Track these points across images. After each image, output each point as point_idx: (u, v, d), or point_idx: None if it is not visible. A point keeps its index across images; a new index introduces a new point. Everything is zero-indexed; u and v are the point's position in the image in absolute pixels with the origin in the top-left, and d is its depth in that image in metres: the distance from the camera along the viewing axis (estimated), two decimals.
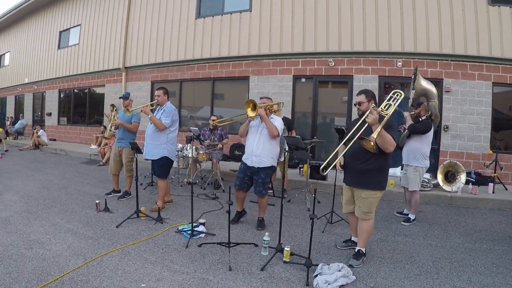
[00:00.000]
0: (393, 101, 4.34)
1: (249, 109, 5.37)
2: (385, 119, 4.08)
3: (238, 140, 12.49)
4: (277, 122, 5.67)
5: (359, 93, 4.72)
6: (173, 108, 6.86)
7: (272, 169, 5.83)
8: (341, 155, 4.50)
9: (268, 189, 5.91)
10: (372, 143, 3.89)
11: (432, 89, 6.94)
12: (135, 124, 7.46)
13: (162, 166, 6.75)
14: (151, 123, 6.70)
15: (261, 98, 6.05)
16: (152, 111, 6.84)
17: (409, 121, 6.65)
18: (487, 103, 10.53)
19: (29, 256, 4.47)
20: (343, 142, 4.50)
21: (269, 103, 5.85)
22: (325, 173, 4.48)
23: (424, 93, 6.91)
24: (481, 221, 7.05)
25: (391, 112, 4.20)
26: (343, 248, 5.16)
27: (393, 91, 4.44)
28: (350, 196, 4.83)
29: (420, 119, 6.64)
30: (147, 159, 6.91)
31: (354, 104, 4.68)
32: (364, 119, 4.20)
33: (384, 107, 4.30)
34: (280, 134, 5.74)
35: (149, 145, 6.75)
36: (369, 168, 4.45)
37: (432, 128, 6.64)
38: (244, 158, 5.87)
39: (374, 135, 3.93)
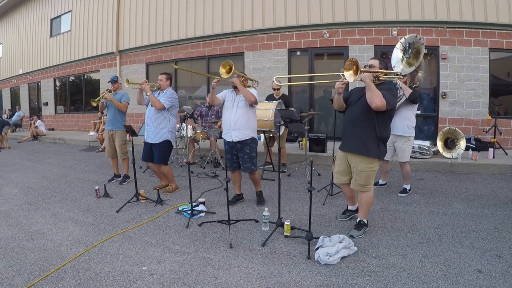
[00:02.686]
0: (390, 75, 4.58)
1: (224, 71, 5.16)
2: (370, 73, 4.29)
3: None
4: (252, 91, 5.57)
5: (374, 58, 4.73)
6: (174, 93, 6.69)
7: (254, 141, 5.73)
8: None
9: (257, 164, 5.80)
10: (356, 67, 3.96)
11: (422, 61, 6.78)
12: (124, 104, 7.38)
13: (164, 152, 6.62)
14: (150, 105, 6.54)
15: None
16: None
17: (407, 89, 6.24)
18: (484, 69, 10.44)
19: (31, 248, 4.46)
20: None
21: (245, 76, 5.80)
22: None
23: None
24: (482, 187, 7.03)
25: (378, 73, 4.40)
26: (344, 220, 5.14)
27: (396, 72, 4.69)
28: (344, 167, 4.75)
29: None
30: (149, 144, 6.69)
31: (365, 66, 4.59)
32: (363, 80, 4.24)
33: (381, 76, 4.44)
34: (257, 103, 5.64)
35: (151, 128, 6.58)
36: (364, 133, 4.39)
37: None
38: (223, 134, 5.77)
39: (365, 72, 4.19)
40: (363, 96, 4.30)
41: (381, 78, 4.40)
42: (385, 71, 4.49)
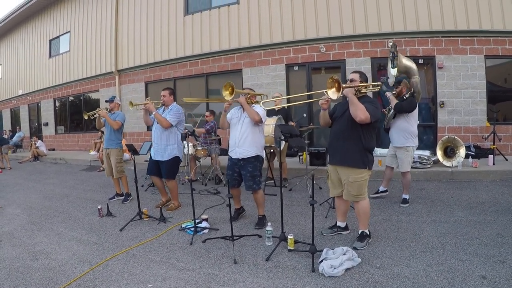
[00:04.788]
0: (371, 87, 4.68)
1: (227, 92, 5.15)
2: (353, 87, 4.42)
3: None
4: (259, 109, 5.46)
5: (355, 71, 4.79)
6: (180, 108, 6.72)
7: (258, 160, 5.58)
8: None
9: (260, 183, 5.65)
10: (338, 85, 4.09)
11: (413, 65, 6.68)
12: (117, 122, 7.39)
13: (172, 167, 6.66)
14: (157, 123, 6.57)
15: (244, 89, 5.89)
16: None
17: (394, 101, 6.40)
18: (481, 77, 10.54)
19: (35, 268, 4.47)
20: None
21: (251, 92, 5.69)
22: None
23: (406, 70, 6.69)
24: (483, 194, 7.05)
25: (359, 87, 4.51)
26: (329, 235, 5.09)
27: (376, 84, 4.69)
28: (336, 180, 4.81)
29: (404, 97, 6.42)
30: (156, 160, 6.69)
31: (346, 81, 4.68)
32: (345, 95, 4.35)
33: (363, 89, 4.58)
34: (264, 121, 5.56)
35: (158, 146, 6.61)
36: (351, 146, 4.48)
37: (417, 106, 6.45)
38: (229, 152, 5.69)
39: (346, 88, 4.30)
40: (347, 110, 4.39)
41: (362, 91, 4.54)
42: (365, 84, 4.61)
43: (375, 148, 4.79)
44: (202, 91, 14.40)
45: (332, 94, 4.13)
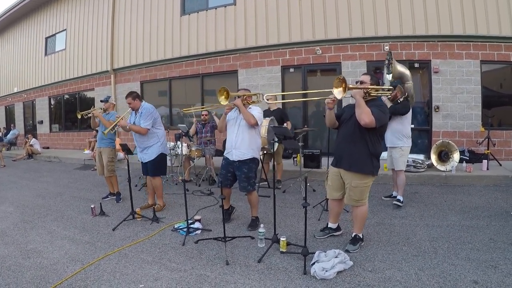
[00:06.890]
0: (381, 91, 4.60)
1: (223, 97, 5.11)
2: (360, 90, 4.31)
3: None
4: (255, 111, 5.42)
5: (366, 73, 4.76)
6: (150, 106, 6.68)
7: (254, 162, 5.57)
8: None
9: (254, 184, 5.65)
10: (345, 85, 4.06)
11: (406, 71, 6.95)
12: (110, 122, 7.35)
13: (158, 164, 6.66)
14: None
15: (238, 90, 5.85)
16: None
17: (388, 104, 6.51)
18: (476, 81, 10.57)
19: (27, 266, 4.45)
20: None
21: (246, 93, 5.59)
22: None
23: (400, 76, 6.93)
24: (477, 198, 7.08)
25: (368, 89, 4.42)
26: (321, 238, 5.08)
27: (388, 88, 4.68)
28: (337, 183, 4.75)
29: (399, 101, 6.62)
30: (144, 162, 6.73)
31: (356, 82, 4.64)
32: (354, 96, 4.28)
33: (372, 92, 4.47)
34: (260, 124, 5.53)
35: (142, 149, 6.66)
36: (357, 150, 4.41)
37: (410, 109, 6.70)
38: (225, 153, 5.66)
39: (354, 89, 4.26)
40: (355, 113, 4.31)
41: (372, 94, 4.44)
42: (376, 87, 4.50)
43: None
44: (198, 91, 14.40)
45: (338, 93, 4.08)
